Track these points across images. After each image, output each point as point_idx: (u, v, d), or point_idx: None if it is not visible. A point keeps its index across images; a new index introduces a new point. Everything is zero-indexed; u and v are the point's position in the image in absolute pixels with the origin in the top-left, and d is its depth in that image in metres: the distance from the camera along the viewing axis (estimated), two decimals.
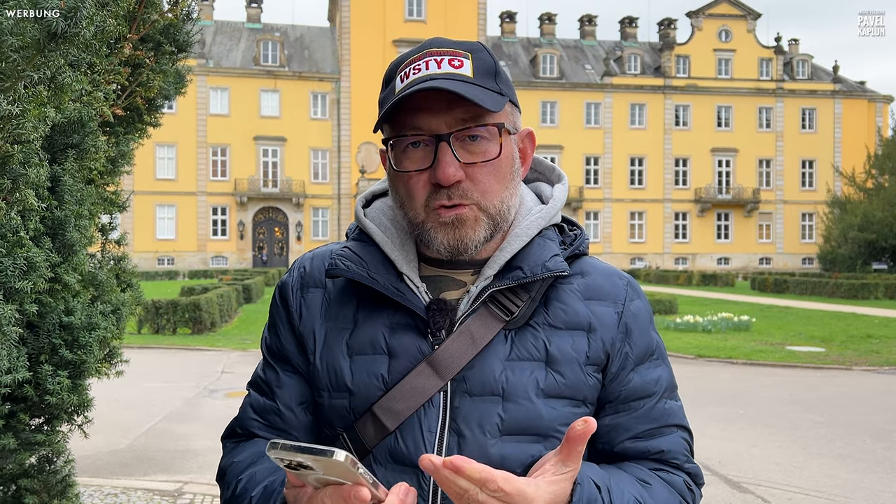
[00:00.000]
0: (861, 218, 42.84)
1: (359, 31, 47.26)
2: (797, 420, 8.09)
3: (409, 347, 1.07)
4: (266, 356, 1.19)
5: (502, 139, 1.06)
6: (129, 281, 2.90)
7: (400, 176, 1.08)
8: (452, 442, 1.03)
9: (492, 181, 1.06)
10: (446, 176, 1.02)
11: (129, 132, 2.87)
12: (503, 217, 1.09)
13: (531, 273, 1.08)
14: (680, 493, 1.09)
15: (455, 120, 1.03)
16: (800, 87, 52.74)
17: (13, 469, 2.34)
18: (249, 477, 1.07)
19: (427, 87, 1.00)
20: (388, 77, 1.10)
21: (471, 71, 1.04)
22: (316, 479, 0.83)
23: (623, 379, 1.11)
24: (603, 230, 49.86)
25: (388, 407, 1.04)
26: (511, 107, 1.10)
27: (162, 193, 44.93)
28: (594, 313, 1.11)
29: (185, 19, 2.87)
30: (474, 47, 1.08)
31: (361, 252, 1.13)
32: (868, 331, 16.13)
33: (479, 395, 1.04)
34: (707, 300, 25.53)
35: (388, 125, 1.08)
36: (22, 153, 1.61)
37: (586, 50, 53.87)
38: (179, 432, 7.42)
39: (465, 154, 1.04)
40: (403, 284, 1.10)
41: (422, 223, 1.07)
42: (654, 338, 1.16)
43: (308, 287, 1.17)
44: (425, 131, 1.04)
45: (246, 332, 15.61)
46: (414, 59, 1.07)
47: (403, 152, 1.06)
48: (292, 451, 0.78)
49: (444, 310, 1.08)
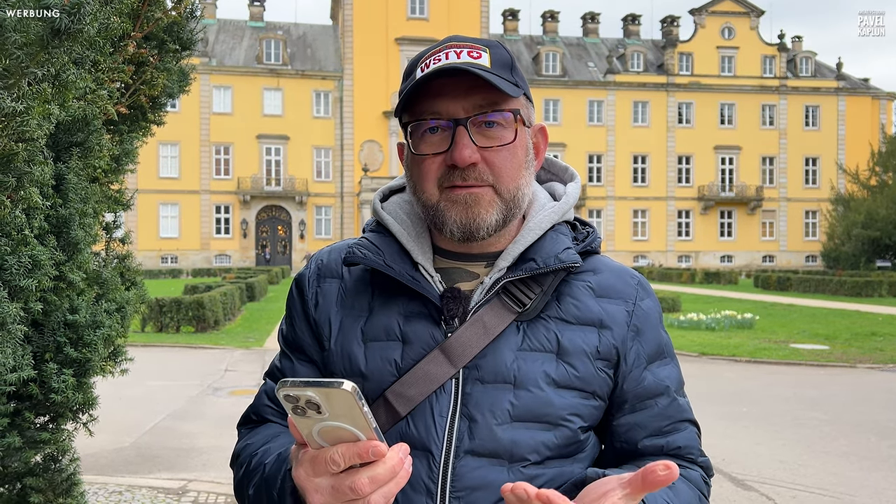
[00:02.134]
0: (865, 215, 42.72)
1: (361, 29, 47.23)
2: (801, 418, 8.08)
3: (423, 334, 1.09)
4: (282, 346, 1.23)
5: (517, 126, 1.09)
6: (134, 279, 2.89)
7: (416, 160, 1.11)
8: (463, 427, 1.05)
9: (507, 165, 1.08)
10: (462, 158, 1.05)
11: (133, 130, 2.86)
12: (516, 203, 1.11)
13: (544, 264, 1.10)
14: (698, 487, 1.12)
15: (473, 105, 1.07)
16: (803, 84, 52.59)
17: (18, 467, 2.34)
18: (264, 452, 1.09)
19: (447, 67, 1.04)
20: (408, 70, 1.13)
21: (489, 62, 1.08)
22: (321, 429, 0.84)
23: (637, 377, 1.13)
24: (606, 228, 49.78)
25: (400, 392, 1.06)
26: (525, 100, 1.13)
27: (165, 192, 44.96)
28: (605, 311, 1.13)
29: (188, 17, 2.86)
30: (492, 44, 1.12)
31: (378, 242, 1.16)
32: (872, 328, 16.10)
33: (491, 382, 1.06)
34: (710, 298, 25.50)
35: (406, 113, 1.11)
36: (26, 151, 1.60)
37: (589, 47, 53.78)
38: (183, 430, 7.43)
39: (481, 139, 1.07)
40: (419, 273, 1.12)
41: (435, 204, 1.09)
42: (664, 336, 1.19)
43: (325, 277, 1.20)
44: (444, 116, 1.07)
45: (249, 331, 15.62)
46: (434, 51, 1.10)
47: (421, 137, 1.09)
48: (301, 386, 0.80)
49: (457, 298, 1.10)
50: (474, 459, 1.04)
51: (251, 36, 49.01)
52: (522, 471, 1.04)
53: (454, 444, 1.04)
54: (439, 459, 1.03)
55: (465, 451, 1.04)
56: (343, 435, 0.84)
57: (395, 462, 0.85)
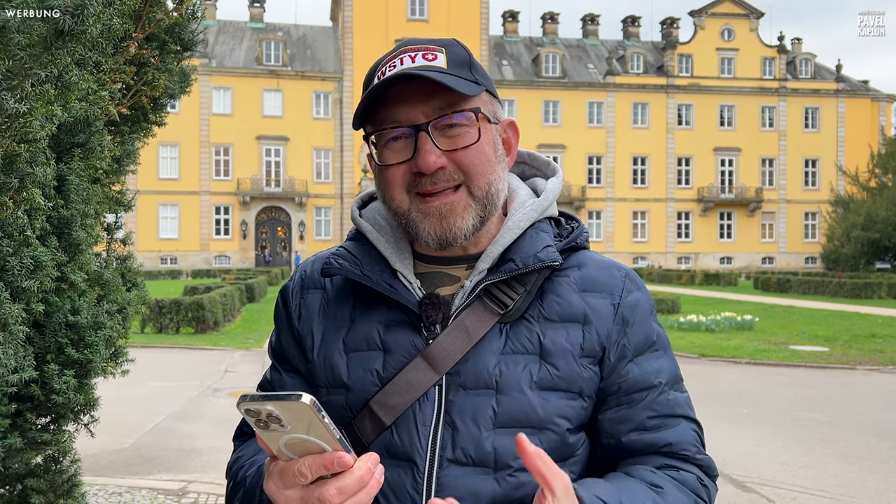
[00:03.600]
0: (864, 217, 42.74)
1: (361, 30, 47.26)
2: (801, 419, 8.07)
3: (403, 343, 1.07)
4: (271, 358, 1.23)
5: (480, 124, 1.07)
6: (135, 280, 2.89)
7: (382, 170, 1.09)
8: (447, 435, 1.03)
9: (475, 163, 1.06)
10: (427, 164, 1.03)
11: (135, 131, 2.87)
12: (491, 201, 1.08)
13: (523, 264, 1.07)
14: (694, 490, 1.07)
15: (432, 109, 1.05)
16: (803, 86, 52.63)
17: (19, 468, 2.33)
18: (250, 464, 1.10)
19: (400, 74, 1.02)
20: (367, 80, 1.11)
21: (444, 63, 1.06)
22: (287, 441, 0.84)
23: (621, 370, 1.09)
24: (606, 229, 49.80)
25: (383, 402, 1.05)
26: (489, 96, 1.11)
27: (165, 193, 44.96)
28: (589, 305, 1.10)
29: (190, 18, 2.86)
30: (447, 43, 1.10)
31: (356, 251, 1.15)
32: (872, 330, 16.10)
33: (473, 388, 1.04)
34: (710, 299, 25.49)
35: (369, 124, 1.10)
36: (29, 152, 1.60)
37: (589, 49, 53.80)
38: (183, 431, 7.43)
39: (444, 141, 1.05)
40: (397, 281, 1.11)
41: (406, 212, 1.08)
42: (655, 329, 1.14)
43: (308, 289, 1.19)
44: (404, 123, 1.05)
45: (249, 332, 15.61)
46: (389, 58, 1.08)
47: (385, 146, 1.08)
48: (260, 400, 0.80)
49: (436, 304, 1.08)
50: (458, 468, 1.02)
51: (251, 37, 49.03)
52: (509, 478, 1.02)
53: (437, 454, 1.02)
54: (423, 469, 1.02)
55: (449, 459, 1.02)
56: (310, 447, 0.84)
57: (363, 472, 0.85)
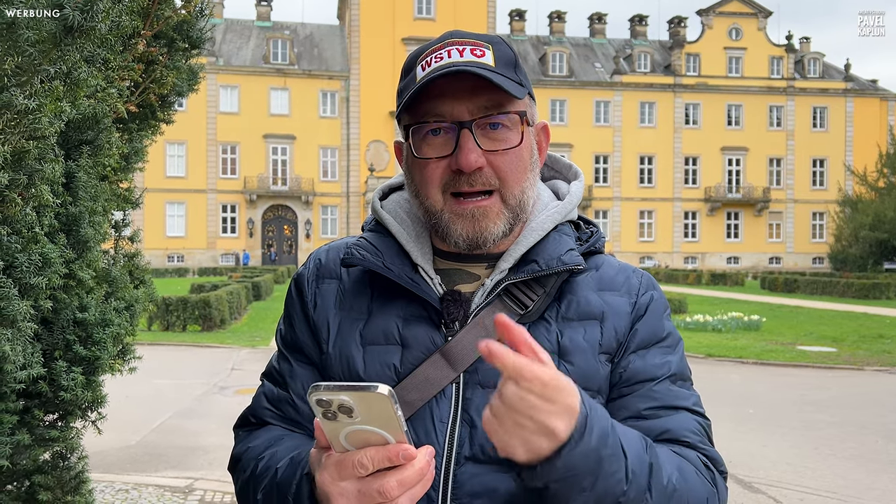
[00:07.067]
0: (872, 217, 42.57)
1: (368, 29, 47.28)
2: (808, 420, 8.04)
3: (423, 338, 1.06)
4: (280, 347, 1.19)
5: (523, 127, 1.06)
6: (142, 277, 2.90)
7: (418, 163, 1.07)
8: (464, 433, 1.02)
9: (512, 169, 1.06)
10: (468, 162, 1.02)
11: (143, 129, 2.87)
12: (522, 208, 1.08)
13: (546, 266, 1.07)
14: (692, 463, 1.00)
15: (477, 107, 1.03)
16: (811, 85, 52.40)
17: (27, 465, 2.34)
18: (271, 455, 1.05)
19: (453, 70, 1.00)
20: (407, 67, 1.09)
21: (492, 60, 1.04)
22: (349, 432, 0.83)
23: (625, 362, 1.08)
24: (612, 229, 49.71)
25: (400, 397, 1.03)
26: (529, 99, 1.10)
27: (172, 191, 45.08)
28: (607, 303, 1.10)
29: (198, 16, 2.86)
30: (494, 39, 1.08)
31: (377, 242, 1.13)
32: (880, 331, 16.02)
33: (492, 386, 1.02)
34: (717, 300, 25.41)
35: (407, 113, 1.08)
36: (38, 149, 1.60)
37: (596, 48, 53.70)
38: (190, 429, 7.45)
39: (486, 142, 1.04)
40: (418, 275, 1.10)
41: (439, 211, 1.07)
42: (666, 326, 1.13)
43: (323, 278, 1.17)
44: (447, 118, 1.04)
45: (255, 330, 15.63)
46: (435, 48, 1.06)
47: (423, 139, 1.06)
48: (334, 389, 0.79)
49: (458, 301, 1.08)
50: (475, 466, 1.01)
51: (258, 36, 49.10)
52: None
53: (455, 450, 1.02)
54: (440, 466, 1.01)
55: (466, 457, 1.01)
56: (371, 438, 0.83)
57: (423, 464, 0.84)
